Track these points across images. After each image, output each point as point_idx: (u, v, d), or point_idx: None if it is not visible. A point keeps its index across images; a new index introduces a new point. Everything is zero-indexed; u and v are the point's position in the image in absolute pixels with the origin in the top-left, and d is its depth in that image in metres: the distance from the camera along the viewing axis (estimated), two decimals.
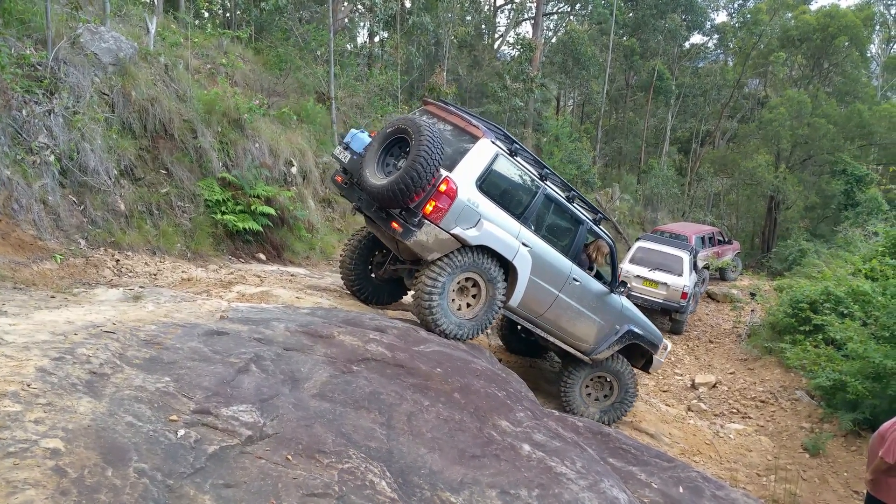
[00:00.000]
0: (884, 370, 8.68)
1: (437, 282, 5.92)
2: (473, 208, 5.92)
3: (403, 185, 5.56)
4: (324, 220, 12.40)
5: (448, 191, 5.72)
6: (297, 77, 14.89)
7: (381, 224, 6.11)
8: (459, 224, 5.84)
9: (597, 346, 7.60)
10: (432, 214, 5.72)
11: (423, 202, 5.71)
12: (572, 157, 24.59)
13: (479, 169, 6.01)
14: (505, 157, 6.26)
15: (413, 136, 5.68)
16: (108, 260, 7.23)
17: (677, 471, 5.27)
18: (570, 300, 7.08)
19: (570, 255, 7.01)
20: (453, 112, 6.58)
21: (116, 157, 8.31)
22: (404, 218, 5.81)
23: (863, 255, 14.62)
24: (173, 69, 10.02)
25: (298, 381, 4.07)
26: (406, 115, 6.23)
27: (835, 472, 8.39)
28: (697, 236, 18.33)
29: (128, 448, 2.95)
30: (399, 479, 3.53)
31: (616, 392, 8.00)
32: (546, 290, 6.81)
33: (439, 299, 5.97)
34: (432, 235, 5.77)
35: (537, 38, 27.03)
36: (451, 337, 6.16)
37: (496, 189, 6.23)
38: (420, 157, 5.51)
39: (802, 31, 30.75)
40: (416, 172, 5.53)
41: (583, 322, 7.35)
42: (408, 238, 5.75)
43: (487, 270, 6.16)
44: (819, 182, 29.92)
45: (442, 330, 6.07)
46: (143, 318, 4.50)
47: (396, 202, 5.73)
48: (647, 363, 8.35)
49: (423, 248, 5.82)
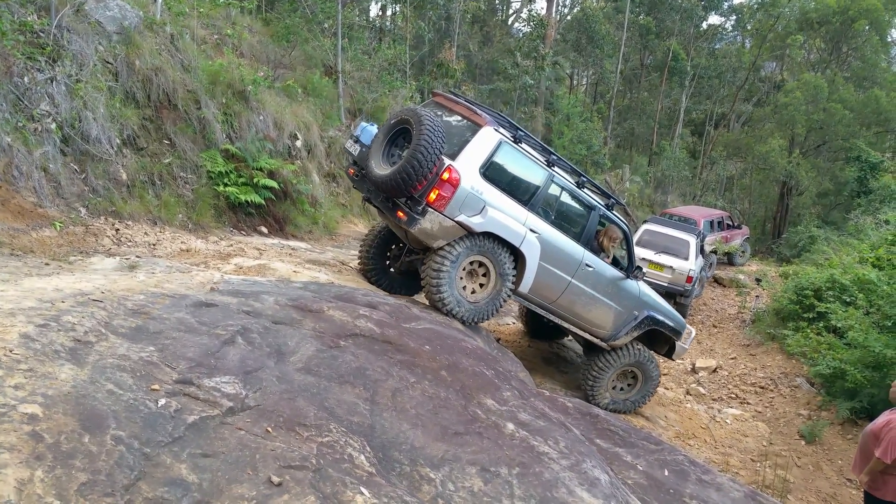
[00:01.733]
0: (884, 359, 8.64)
1: (443, 265, 6.01)
2: (477, 195, 5.99)
3: (405, 174, 5.67)
4: (328, 195, 12.40)
5: (451, 179, 5.82)
6: (305, 49, 14.80)
7: (387, 213, 6.26)
8: (464, 211, 5.92)
9: (615, 332, 7.60)
10: (436, 202, 5.81)
11: (427, 191, 5.81)
12: (582, 137, 24.39)
13: (482, 157, 6.07)
14: (509, 144, 6.28)
15: (414, 127, 5.76)
16: (107, 229, 7.27)
17: (664, 454, 5.28)
18: (583, 286, 7.08)
19: (583, 240, 7.00)
20: (459, 102, 6.61)
21: (119, 127, 8.32)
22: (409, 206, 5.92)
23: (871, 243, 14.49)
24: (179, 39, 9.98)
25: (284, 354, 4.09)
26: (409, 106, 6.41)
27: (829, 460, 8.39)
28: (706, 220, 18.22)
29: (107, 415, 2.97)
30: (379, 453, 3.55)
31: (640, 382, 8.04)
32: (558, 276, 6.83)
33: (447, 282, 6.06)
34: (436, 223, 5.87)
35: (551, 15, 26.72)
36: (461, 320, 6.26)
37: (501, 176, 6.27)
38: (420, 147, 5.60)
39: (822, 13, 30.19)
40: (416, 161, 5.62)
41: (598, 308, 7.35)
42: (412, 226, 5.86)
43: (495, 254, 6.22)
44: (833, 168, 29.60)
45: (451, 311, 6.17)
46: (132, 287, 4.53)
47: (400, 191, 5.84)
48: (670, 349, 8.33)
49: (428, 235, 5.93)
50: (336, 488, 3.00)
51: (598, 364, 7.71)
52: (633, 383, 8.06)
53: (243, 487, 2.83)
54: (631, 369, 7.91)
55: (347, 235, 11.99)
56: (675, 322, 8.02)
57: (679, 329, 8.05)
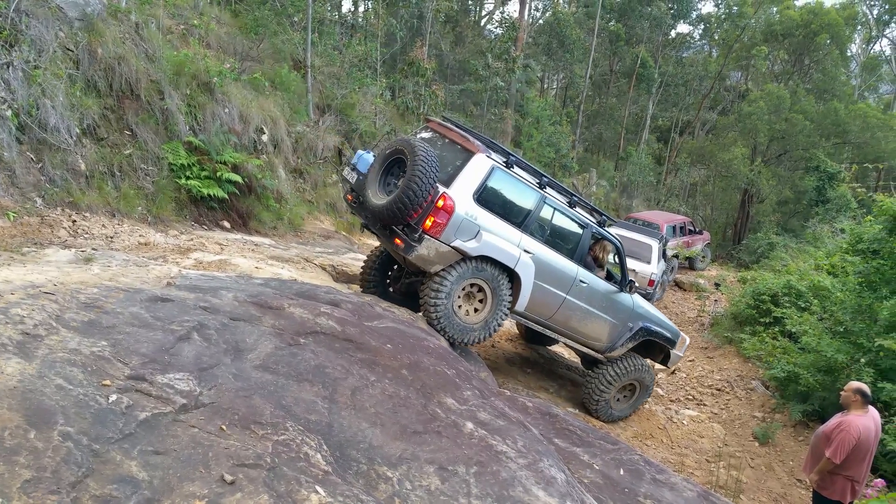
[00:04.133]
0: (835, 364, 8.87)
1: (441, 288, 6.17)
2: (472, 221, 6.16)
3: (402, 203, 5.85)
4: (294, 191, 12.28)
5: (445, 206, 5.97)
6: (274, 43, 14.62)
7: (385, 240, 6.45)
8: (459, 237, 6.09)
9: (611, 344, 7.86)
10: (432, 229, 5.97)
11: (423, 218, 5.97)
12: (551, 141, 24.56)
13: (475, 183, 6.23)
14: (501, 169, 6.43)
15: (408, 157, 5.94)
16: (64, 220, 7.10)
17: (620, 453, 5.34)
18: (578, 301, 7.29)
19: (576, 258, 7.20)
20: (452, 129, 6.76)
21: (79, 116, 8.13)
22: (406, 234, 6.08)
23: (827, 250, 14.85)
24: (144, 28, 9.79)
25: (242, 351, 4.03)
26: (403, 137, 6.52)
27: (781, 461, 8.58)
28: (669, 225, 18.52)
29: (55, 411, 2.90)
30: (336, 452, 3.53)
31: (637, 392, 8.35)
32: (552, 293, 7.04)
33: (445, 305, 6.22)
34: (433, 249, 6.03)
35: (523, 18, 26.83)
36: (460, 343, 6.45)
37: (495, 201, 6.43)
38: (415, 177, 5.78)
39: (786, 26, 30.88)
40: (411, 191, 5.80)
41: (594, 322, 7.58)
42: (410, 253, 6.02)
43: (492, 277, 6.40)
44: (793, 177, 30.23)
45: (449, 336, 6.32)
46: (86, 280, 4.43)
47: (397, 220, 6.01)
48: (665, 357, 8.57)
49: (425, 261, 6.10)
50: (290, 487, 2.97)
51: (605, 379, 7.94)
52: (629, 395, 8.37)
53: (195, 485, 2.79)
54: (631, 382, 8.19)
55: (313, 232, 11.89)
56: (670, 331, 8.32)
57: (673, 338, 8.34)
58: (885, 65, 39.54)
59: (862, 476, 5.53)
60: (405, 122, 17.07)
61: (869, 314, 9.04)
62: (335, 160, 14.24)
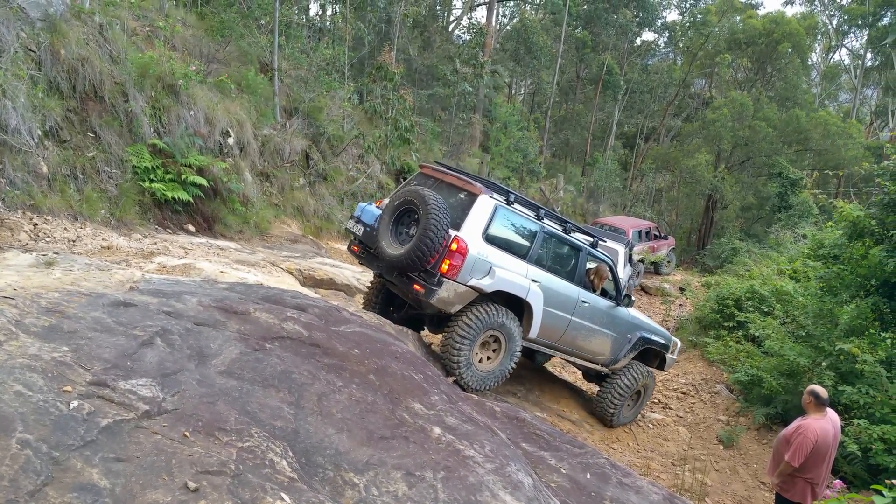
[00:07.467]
0: (797, 367, 9.06)
1: (463, 342, 6.48)
2: (484, 259, 6.46)
3: (420, 251, 6.15)
4: (260, 195, 12.17)
5: (459, 249, 6.25)
6: (240, 45, 14.49)
7: (403, 287, 6.69)
8: (474, 276, 6.39)
9: (614, 356, 8.31)
10: (449, 272, 6.25)
11: (439, 262, 6.25)
12: (519, 146, 24.72)
13: (482, 223, 6.53)
14: (503, 207, 6.69)
15: (420, 207, 6.26)
16: (24, 223, 6.95)
17: (587, 457, 5.39)
18: (582, 321, 7.65)
19: (576, 279, 7.54)
20: (449, 173, 7.04)
21: (41, 117, 7.97)
22: (424, 279, 6.36)
23: (789, 256, 15.17)
24: (108, 29, 9.63)
25: (206, 357, 3.98)
26: (410, 188, 6.73)
27: (745, 464, 8.73)
28: (635, 230, 18.77)
29: (13, 418, 2.84)
30: (302, 458, 3.50)
31: (642, 397, 8.91)
32: (559, 316, 7.36)
33: (466, 356, 6.55)
34: (452, 290, 6.33)
35: (491, 24, 26.99)
36: (475, 390, 6.71)
37: (501, 237, 6.74)
38: (430, 226, 6.11)
39: (749, 34, 31.57)
40: (428, 239, 6.11)
41: (597, 338, 7.99)
42: (431, 297, 6.28)
43: (506, 328, 6.72)
44: (756, 183, 30.82)
45: (467, 384, 6.62)
46: (47, 284, 4.34)
47: (415, 267, 6.28)
48: (661, 362, 9.11)
49: (446, 303, 6.38)
50: (255, 494, 2.95)
51: (619, 390, 8.41)
52: (633, 403, 8.89)
53: (158, 493, 2.75)
54: (638, 389, 8.69)
55: (280, 236, 11.79)
56: (664, 338, 8.85)
57: (668, 344, 8.88)
58: (844, 74, 40.64)
59: (822, 478, 5.65)
60: (373, 126, 17.03)
61: (830, 318, 9.27)
62: (302, 164, 14.15)
